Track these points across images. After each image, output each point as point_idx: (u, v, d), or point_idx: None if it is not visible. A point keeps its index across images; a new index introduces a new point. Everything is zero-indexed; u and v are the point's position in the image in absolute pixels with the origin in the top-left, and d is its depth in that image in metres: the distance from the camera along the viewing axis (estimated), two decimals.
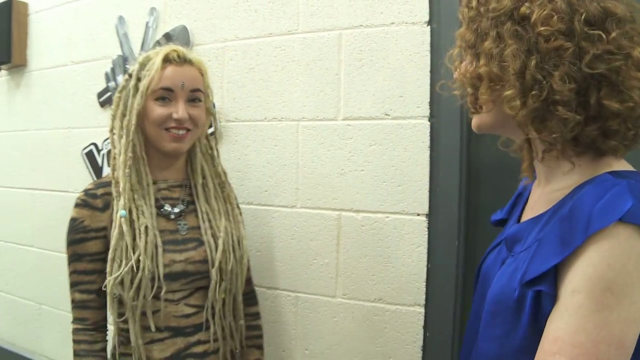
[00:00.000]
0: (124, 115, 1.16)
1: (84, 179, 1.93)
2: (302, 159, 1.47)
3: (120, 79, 1.77)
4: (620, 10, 0.65)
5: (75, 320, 1.14)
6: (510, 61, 0.66)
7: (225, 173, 1.32)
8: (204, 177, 1.26)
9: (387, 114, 1.34)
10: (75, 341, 1.13)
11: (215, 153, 1.30)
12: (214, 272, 1.18)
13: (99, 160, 1.88)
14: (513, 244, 0.76)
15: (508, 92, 0.67)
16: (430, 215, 1.32)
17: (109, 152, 1.82)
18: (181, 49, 1.17)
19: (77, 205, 1.16)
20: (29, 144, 2.15)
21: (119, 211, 1.11)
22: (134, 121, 1.13)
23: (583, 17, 0.64)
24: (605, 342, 0.59)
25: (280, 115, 1.49)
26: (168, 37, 1.67)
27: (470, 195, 1.30)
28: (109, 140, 1.83)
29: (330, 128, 1.42)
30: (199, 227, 1.21)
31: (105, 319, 1.18)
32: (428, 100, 1.30)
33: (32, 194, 2.15)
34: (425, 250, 1.32)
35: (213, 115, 1.29)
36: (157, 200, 1.19)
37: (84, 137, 1.94)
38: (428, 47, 1.29)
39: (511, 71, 0.67)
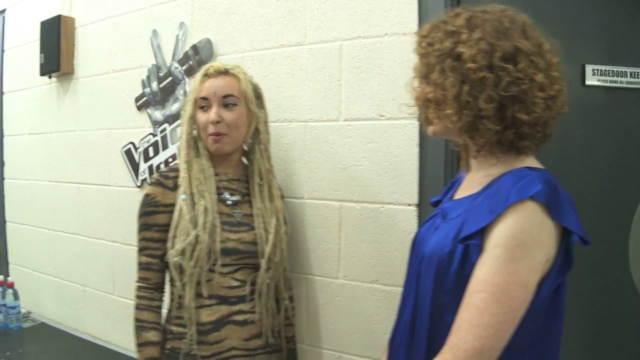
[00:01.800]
0: (183, 122, 1.42)
1: (123, 175, 2.17)
2: (309, 156, 1.65)
3: (155, 85, 2.01)
4: (527, 47, 0.87)
5: (140, 279, 1.38)
6: (450, 89, 0.89)
7: (273, 172, 1.51)
8: (260, 178, 1.46)
9: (381, 115, 1.51)
10: (137, 296, 1.37)
11: (269, 154, 1.49)
12: (263, 262, 1.39)
13: (136, 157, 2.11)
14: (447, 213, 0.99)
15: (448, 111, 0.91)
16: (419, 205, 1.47)
17: (145, 149, 2.06)
18: (217, 64, 1.42)
19: (151, 184, 1.40)
20: (76, 143, 2.40)
21: (180, 195, 1.34)
22: (186, 126, 1.40)
23: (499, 54, 0.87)
24: (515, 283, 0.81)
25: (291, 117, 1.68)
26: (195, 48, 1.88)
27: None
28: (145, 140, 2.07)
29: (333, 128, 1.60)
30: (251, 215, 1.43)
31: (163, 282, 1.40)
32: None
33: (78, 188, 2.40)
34: None
35: (257, 118, 1.45)
36: (217, 188, 1.40)
37: (123, 137, 2.17)
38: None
39: (450, 96, 0.89)
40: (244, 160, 1.53)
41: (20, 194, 2.76)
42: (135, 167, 2.12)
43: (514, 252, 0.81)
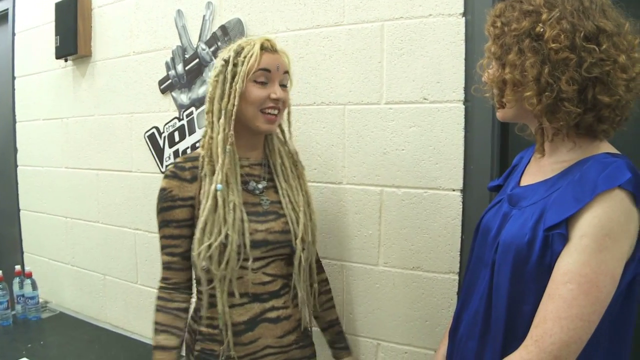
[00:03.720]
0: (222, 97, 1.24)
1: (146, 160, 2.12)
2: (348, 140, 1.60)
3: (180, 68, 1.95)
4: (609, 27, 0.84)
5: (162, 279, 1.29)
6: (529, 70, 0.86)
7: (297, 152, 1.42)
8: (281, 157, 1.37)
9: (425, 98, 1.47)
10: (157, 297, 1.28)
11: (288, 135, 1.40)
12: (298, 243, 1.30)
13: (161, 142, 2.06)
14: (518, 200, 0.96)
15: (528, 93, 0.88)
16: (464, 191, 1.44)
17: (170, 134, 2.01)
18: (272, 39, 1.29)
19: (166, 177, 1.27)
20: (95, 128, 2.34)
21: (215, 185, 1.21)
22: (235, 102, 1.22)
23: (582, 34, 0.84)
24: (603, 273, 0.79)
25: (328, 100, 1.63)
26: (224, 29, 1.82)
27: (501, 172, 1.41)
28: (170, 124, 2.02)
29: (374, 111, 1.55)
30: (279, 202, 1.33)
31: (186, 281, 1.30)
32: (463, 85, 1.41)
33: (97, 175, 2.35)
34: (460, 223, 1.45)
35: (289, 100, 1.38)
36: (242, 176, 1.29)
37: (146, 121, 2.12)
38: (463, 37, 1.40)
39: (530, 77, 0.86)
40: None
41: (35, 181, 2.70)
42: (159, 152, 2.07)
43: (603, 242, 0.79)
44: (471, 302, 1.03)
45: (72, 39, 2.25)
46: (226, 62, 1.26)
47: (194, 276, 1.31)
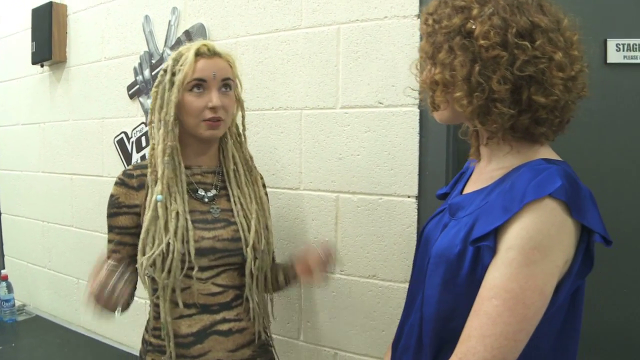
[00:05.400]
0: (161, 108, 1.22)
1: (116, 165, 2.11)
2: (304, 145, 1.58)
3: (147, 73, 1.94)
4: (544, 23, 0.79)
5: None
6: (459, 69, 0.81)
7: (252, 158, 1.38)
8: (235, 163, 1.32)
9: (380, 102, 1.44)
10: None
11: (243, 139, 1.36)
12: (249, 251, 1.26)
13: (129, 147, 2.05)
14: (456, 210, 0.90)
15: (457, 94, 0.82)
16: (419, 198, 1.40)
17: (138, 139, 2.00)
18: (210, 43, 1.25)
19: (115, 184, 1.27)
20: (69, 133, 2.34)
21: (156, 195, 1.20)
22: (172, 113, 1.20)
23: (514, 30, 0.78)
24: (530, 289, 0.73)
25: (286, 105, 1.61)
26: (188, 34, 1.81)
27: None
28: (138, 129, 2.01)
29: (330, 116, 1.52)
30: (231, 210, 1.29)
31: None
32: (418, 88, 1.37)
33: (71, 179, 2.35)
34: (415, 230, 1.41)
35: (241, 103, 1.34)
36: (191, 184, 1.26)
37: (115, 126, 2.11)
38: (418, 39, 1.37)
39: (459, 77, 0.81)
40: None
41: (14, 185, 2.71)
42: (127, 157, 2.06)
43: (531, 255, 0.73)
44: (410, 314, 0.99)
45: (47, 45, 2.26)
46: (165, 71, 1.24)
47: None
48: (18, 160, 2.66)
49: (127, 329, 2.13)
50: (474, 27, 0.80)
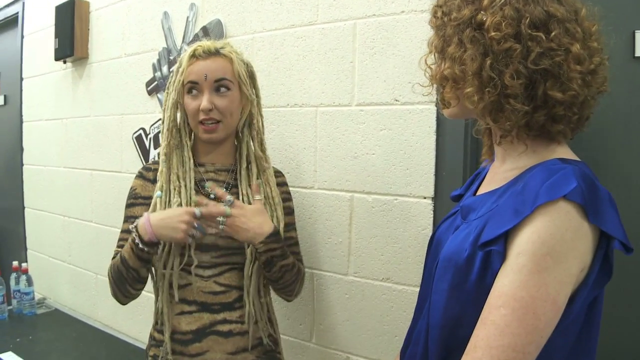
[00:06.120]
0: (167, 107, 1.27)
1: (134, 161, 2.12)
2: (319, 143, 1.54)
3: (165, 69, 1.94)
4: (561, 13, 0.73)
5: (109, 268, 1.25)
6: (469, 63, 0.76)
7: (262, 157, 1.33)
8: (248, 162, 1.31)
9: (397, 100, 1.39)
10: (108, 276, 1.25)
11: (261, 139, 1.33)
12: (248, 252, 1.24)
13: (147, 143, 2.05)
14: (468, 212, 0.85)
15: (468, 90, 0.77)
16: (435, 199, 1.35)
17: (155, 135, 2.00)
18: (207, 43, 1.25)
19: (135, 177, 1.33)
20: (90, 129, 2.36)
21: (156, 192, 1.24)
22: (168, 113, 1.25)
23: (528, 20, 0.73)
24: (541, 298, 0.67)
25: (301, 102, 1.58)
26: (205, 30, 1.80)
27: None
28: (155, 125, 2.01)
29: (345, 113, 1.49)
30: None
31: None
32: (435, 85, 1.33)
33: (92, 174, 2.37)
34: (431, 233, 1.35)
35: (251, 101, 1.30)
36: (202, 181, 1.27)
37: (134, 123, 2.12)
38: None
39: (470, 72, 0.76)
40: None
41: (38, 180, 2.76)
42: (145, 153, 2.06)
43: (542, 262, 0.68)
44: (419, 320, 0.95)
45: (69, 41, 2.29)
46: (173, 71, 1.27)
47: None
48: (41, 155, 2.71)
49: (141, 324, 2.13)
50: (484, 18, 0.75)
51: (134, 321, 2.19)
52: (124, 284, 1.21)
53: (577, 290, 0.71)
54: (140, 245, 1.14)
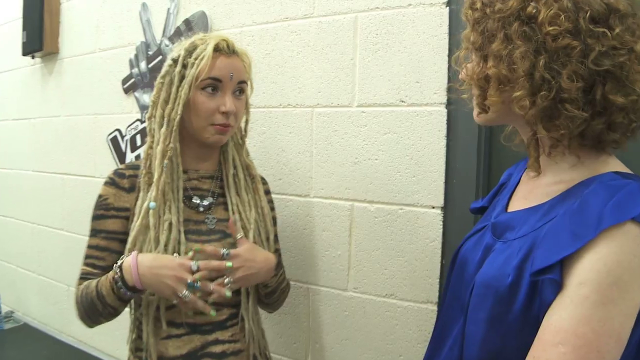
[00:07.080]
0: (166, 102, 1.10)
1: (109, 165, 1.97)
2: (316, 147, 1.42)
3: (144, 65, 1.79)
4: (622, 6, 0.66)
5: (77, 291, 1.11)
6: (519, 62, 0.67)
7: (252, 165, 1.26)
8: (234, 168, 1.21)
9: (402, 101, 1.28)
10: (75, 300, 1.10)
11: (245, 144, 1.25)
12: None
13: (123, 146, 1.90)
14: (504, 231, 0.77)
15: (518, 93, 0.68)
16: (445, 209, 1.25)
17: (132, 137, 1.85)
18: (230, 39, 1.13)
19: (105, 183, 1.15)
20: (61, 130, 2.20)
21: (148, 202, 1.08)
22: (179, 111, 1.08)
23: (588, 14, 0.65)
24: (607, 334, 0.60)
25: (295, 102, 1.45)
26: (188, 23, 1.66)
27: (489, 187, 1.22)
28: (132, 126, 1.86)
29: (345, 115, 1.37)
30: (227, 220, 1.17)
31: None
32: (445, 86, 1.22)
33: (62, 179, 2.21)
34: (440, 245, 1.25)
35: (248, 107, 1.22)
36: (185, 190, 1.15)
37: (109, 123, 1.97)
38: (446, 30, 1.21)
39: (520, 72, 0.67)
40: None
41: (4, 184, 2.59)
42: (121, 156, 1.91)
43: (608, 293, 0.60)
44: (443, 350, 0.84)
45: (38, 35, 2.13)
46: (174, 62, 1.11)
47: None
48: (8, 158, 2.54)
49: (118, 341, 1.98)
50: (536, 10, 0.66)
51: (111, 337, 2.04)
52: (97, 316, 1.08)
53: (636, 323, 0.62)
54: (123, 290, 1.01)
